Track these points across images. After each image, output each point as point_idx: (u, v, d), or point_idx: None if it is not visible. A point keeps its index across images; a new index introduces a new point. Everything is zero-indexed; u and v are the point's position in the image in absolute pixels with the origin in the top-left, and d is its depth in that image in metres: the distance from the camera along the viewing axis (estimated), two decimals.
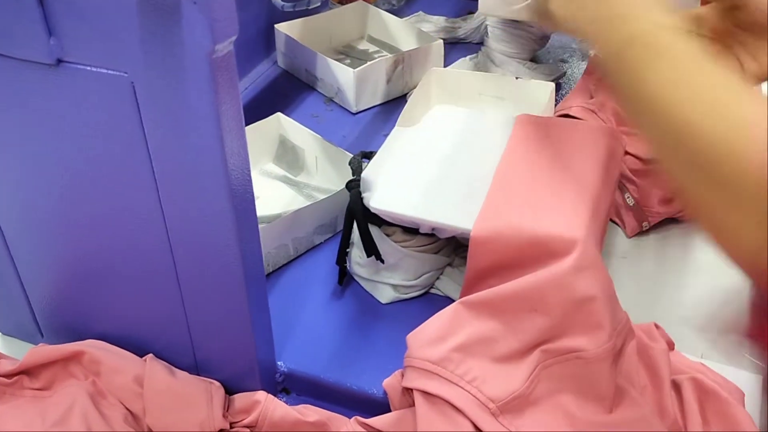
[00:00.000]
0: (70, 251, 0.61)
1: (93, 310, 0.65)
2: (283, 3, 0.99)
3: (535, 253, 0.57)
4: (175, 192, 0.52)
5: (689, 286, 0.78)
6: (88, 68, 0.49)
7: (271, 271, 0.75)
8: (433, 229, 0.67)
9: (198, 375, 0.64)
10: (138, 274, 0.59)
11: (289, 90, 1.06)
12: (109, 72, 0.48)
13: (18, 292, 0.67)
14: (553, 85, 0.84)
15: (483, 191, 0.63)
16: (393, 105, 1.02)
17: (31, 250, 0.63)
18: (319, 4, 0.99)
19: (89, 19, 0.46)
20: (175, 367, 0.64)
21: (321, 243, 0.80)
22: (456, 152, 0.74)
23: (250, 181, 0.53)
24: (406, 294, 0.72)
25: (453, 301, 0.61)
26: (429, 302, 0.72)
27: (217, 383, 0.63)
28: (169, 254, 0.56)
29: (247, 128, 0.86)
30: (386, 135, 0.75)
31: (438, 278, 0.74)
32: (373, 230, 0.68)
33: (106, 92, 0.49)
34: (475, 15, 1.19)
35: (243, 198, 0.52)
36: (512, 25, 1.03)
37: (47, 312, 0.68)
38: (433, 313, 0.60)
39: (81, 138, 0.53)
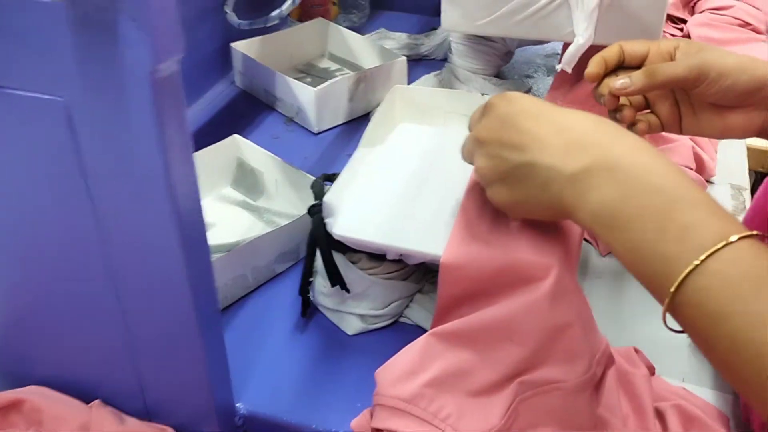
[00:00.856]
0: (5, 291, 0.58)
1: (33, 353, 0.62)
2: (239, 21, 0.97)
3: (508, 279, 0.55)
4: (117, 225, 0.50)
5: None
6: (19, 93, 0.46)
7: (228, 304, 0.73)
8: (400, 255, 0.65)
9: (149, 421, 0.61)
10: (80, 314, 0.57)
11: (247, 111, 1.04)
12: (43, 96, 0.46)
13: None
14: None
15: (452, 214, 0.61)
16: (356, 124, 1.01)
17: None
18: (277, 21, 0.97)
19: (19, 39, 0.44)
20: (124, 413, 0.61)
21: (282, 272, 0.77)
22: (423, 173, 0.72)
23: (200, 210, 0.50)
24: (374, 324, 0.70)
25: (424, 330, 0.59)
26: (398, 332, 0.70)
27: (171, 430, 0.60)
28: (113, 291, 0.53)
29: (203, 151, 0.84)
30: (349, 156, 0.73)
31: (407, 306, 0.71)
32: (338, 258, 0.66)
33: (39, 118, 0.47)
34: (438, 31, 1.19)
35: (193, 228, 0.50)
36: (476, 40, 1.03)
37: None
38: (404, 344, 0.58)
39: (13, 168, 0.50)
